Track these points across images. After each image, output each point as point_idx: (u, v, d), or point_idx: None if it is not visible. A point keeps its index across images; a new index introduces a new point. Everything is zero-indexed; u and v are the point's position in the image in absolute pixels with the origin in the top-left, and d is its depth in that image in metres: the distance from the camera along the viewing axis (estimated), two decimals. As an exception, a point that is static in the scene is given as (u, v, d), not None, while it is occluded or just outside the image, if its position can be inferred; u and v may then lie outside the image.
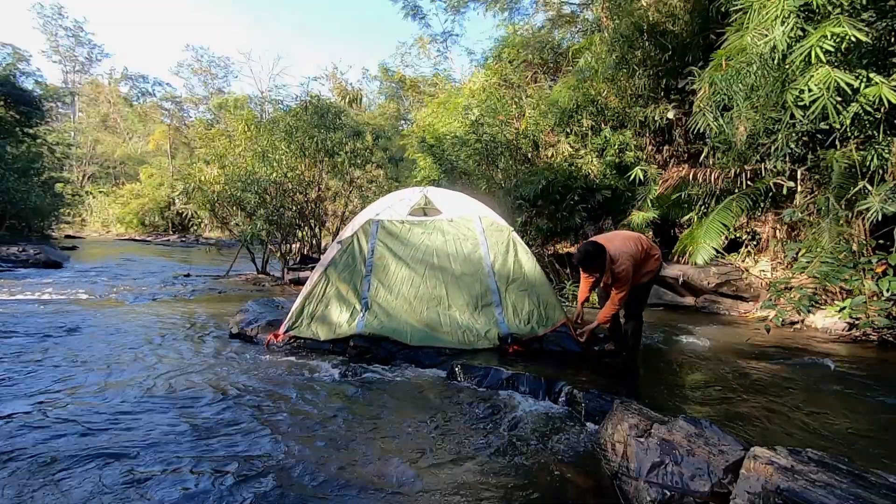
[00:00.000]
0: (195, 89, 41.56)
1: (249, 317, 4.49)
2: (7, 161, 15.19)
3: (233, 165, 9.63)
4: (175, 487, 1.84)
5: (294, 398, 2.84)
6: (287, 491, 1.84)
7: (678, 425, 1.90)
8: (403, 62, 26.24)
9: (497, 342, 3.72)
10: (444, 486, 1.90)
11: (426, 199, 4.59)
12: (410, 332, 3.76)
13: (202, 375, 3.22)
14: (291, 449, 2.19)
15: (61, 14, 38.95)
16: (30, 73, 26.11)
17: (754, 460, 1.57)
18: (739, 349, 4.23)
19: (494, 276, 4.04)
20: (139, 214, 28.51)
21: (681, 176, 6.95)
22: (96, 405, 2.63)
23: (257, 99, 28.67)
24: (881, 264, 4.49)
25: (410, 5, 16.91)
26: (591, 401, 2.61)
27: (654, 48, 7.48)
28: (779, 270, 6.18)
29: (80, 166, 35.87)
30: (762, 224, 6.51)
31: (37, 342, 3.96)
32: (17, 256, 10.54)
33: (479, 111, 9.35)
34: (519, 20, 13.11)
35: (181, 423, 2.43)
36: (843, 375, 3.47)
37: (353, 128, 11.64)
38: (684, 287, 6.78)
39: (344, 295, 3.98)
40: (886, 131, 4.60)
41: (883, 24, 4.38)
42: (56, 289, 7.06)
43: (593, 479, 1.99)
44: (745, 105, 5.11)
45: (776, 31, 4.43)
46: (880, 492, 1.37)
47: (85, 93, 40.92)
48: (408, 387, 3.14)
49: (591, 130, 8.17)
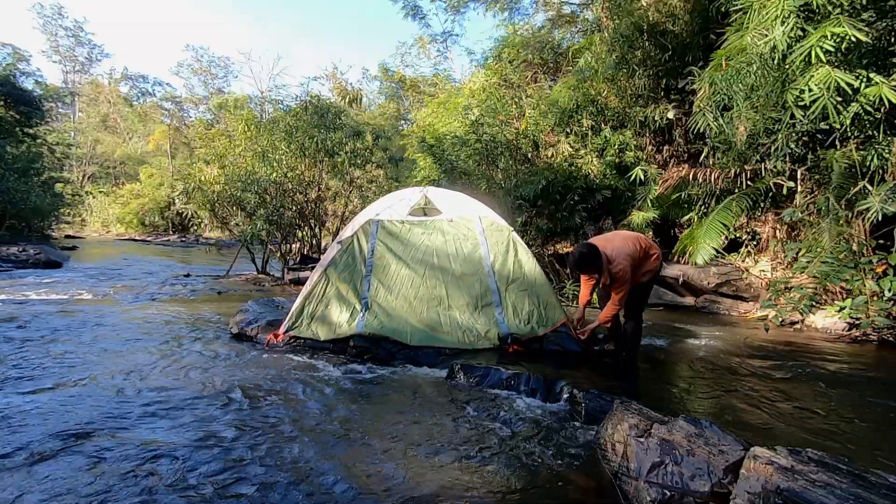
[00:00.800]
0: (195, 89, 41.63)
1: (249, 317, 4.49)
2: (7, 161, 15.18)
3: (233, 165, 9.63)
4: (173, 486, 1.84)
5: (294, 398, 2.84)
6: (287, 491, 1.85)
7: (678, 425, 1.90)
8: (403, 62, 26.30)
9: (497, 342, 3.72)
10: (444, 486, 1.90)
11: (426, 199, 4.60)
12: (410, 332, 3.76)
13: (202, 375, 3.22)
14: (291, 449, 2.19)
15: (61, 14, 38.99)
16: (30, 73, 26.15)
17: (754, 460, 1.57)
18: (739, 349, 4.23)
19: (494, 275, 4.05)
20: (139, 214, 28.53)
21: (681, 176, 6.96)
22: (90, 406, 2.63)
23: (257, 99, 28.70)
24: (881, 264, 4.49)
25: (410, 5, 16.93)
26: (591, 401, 2.60)
27: (654, 48, 7.49)
28: (779, 270, 6.18)
29: (80, 166, 35.88)
30: (762, 224, 6.52)
31: (34, 342, 3.96)
32: (17, 256, 10.54)
33: (479, 111, 9.36)
34: (519, 20, 13.14)
35: (179, 423, 2.43)
36: (843, 375, 3.47)
37: (353, 128, 11.64)
38: (684, 287, 6.78)
39: (344, 295, 3.98)
40: (886, 131, 4.60)
41: (883, 24, 4.38)
42: (56, 289, 7.06)
43: (593, 479, 1.99)
44: (745, 105, 5.12)
45: (776, 31, 4.43)
46: (880, 492, 1.37)
47: (85, 93, 40.93)
48: (408, 387, 3.13)
49: (591, 130, 8.18)
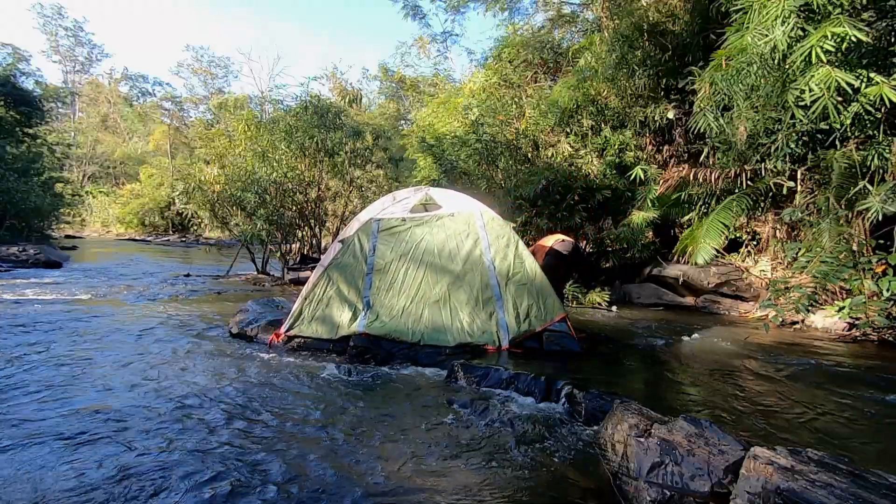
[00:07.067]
0: (195, 89, 41.69)
1: (249, 317, 4.49)
2: (7, 161, 15.17)
3: (233, 165, 9.63)
4: (174, 486, 1.84)
5: (294, 398, 2.84)
6: (287, 491, 1.84)
7: (678, 425, 1.90)
8: (403, 62, 26.32)
9: (497, 342, 3.72)
10: (444, 486, 1.90)
11: (427, 198, 4.59)
12: (412, 331, 3.76)
13: (202, 375, 3.22)
14: (291, 448, 2.19)
15: (61, 14, 39.08)
16: (30, 73, 26.14)
17: (754, 460, 1.57)
18: (739, 349, 4.23)
19: (495, 271, 4.04)
20: (139, 214, 28.55)
21: (681, 176, 6.96)
22: (90, 406, 2.63)
23: (257, 99, 28.68)
24: (881, 264, 4.49)
25: (410, 5, 16.91)
26: (591, 401, 2.61)
27: (654, 48, 7.48)
28: (779, 270, 6.18)
29: (80, 166, 35.90)
30: (762, 224, 6.51)
31: (30, 342, 3.96)
32: (17, 256, 10.54)
33: (478, 111, 9.36)
34: (519, 20, 13.09)
35: (179, 422, 2.43)
36: (843, 375, 3.47)
37: (353, 128, 11.62)
38: (684, 287, 6.78)
39: (345, 294, 3.98)
40: (887, 131, 4.60)
41: (883, 24, 4.38)
42: (56, 289, 7.06)
43: (593, 479, 1.99)
44: (746, 105, 5.11)
45: (776, 31, 4.42)
46: (880, 492, 1.37)
47: (85, 93, 40.97)
48: (408, 386, 3.14)
49: (591, 130, 8.18)
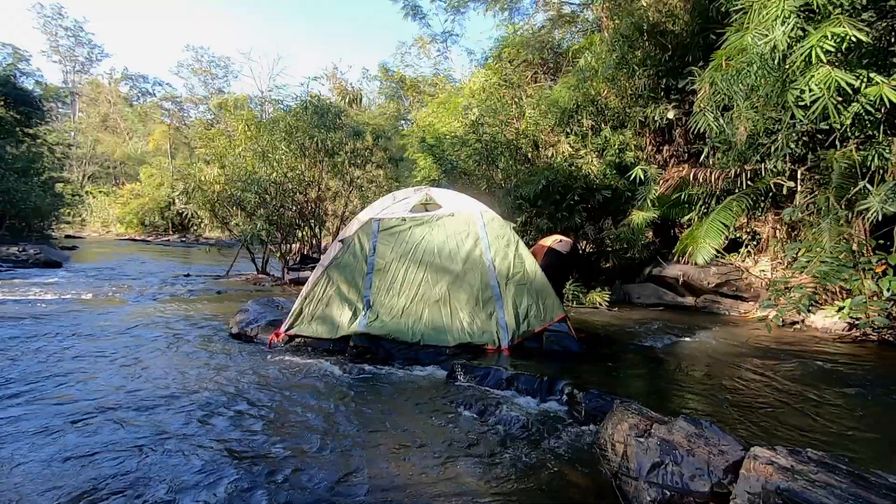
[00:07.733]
0: (195, 89, 41.72)
1: (249, 317, 4.49)
2: (7, 161, 15.19)
3: (233, 165, 9.63)
4: (173, 486, 1.84)
5: (294, 398, 2.84)
6: (287, 490, 1.84)
7: (678, 425, 1.90)
8: (403, 62, 26.34)
9: (497, 342, 3.72)
10: (444, 486, 1.90)
11: (427, 197, 4.59)
12: (412, 331, 3.76)
13: (202, 375, 3.22)
14: (291, 448, 2.19)
15: (61, 14, 39.10)
16: (30, 73, 26.24)
17: (754, 460, 1.57)
18: (739, 349, 4.23)
19: (495, 271, 4.04)
20: (139, 214, 28.56)
21: (681, 176, 6.95)
22: (96, 402, 2.63)
23: (257, 99, 28.72)
24: (881, 264, 4.49)
25: (410, 5, 16.88)
26: (591, 401, 2.61)
27: (654, 48, 7.48)
28: (779, 270, 6.17)
29: (80, 166, 35.90)
30: (762, 224, 6.51)
31: (29, 343, 3.96)
32: (17, 256, 10.55)
33: (479, 111, 9.36)
34: (519, 20, 13.09)
35: (179, 422, 2.43)
36: (843, 375, 3.47)
37: (353, 128, 11.64)
38: (684, 287, 6.78)
39: (345, 294, 3.98)
40: (887, 131, 4.60)
41: (883, 24, 4.38)
42: (56, 289, 7.06)
43: (593, 479, 1.99)
44: (746, 105, 5.11)
45: (776, 31, 4.42)
46: (880, 492, 1.37)
47: (85, 93, 40.98)
48: (408, 386, 3.13)
49: (591, 130, 8.17)
